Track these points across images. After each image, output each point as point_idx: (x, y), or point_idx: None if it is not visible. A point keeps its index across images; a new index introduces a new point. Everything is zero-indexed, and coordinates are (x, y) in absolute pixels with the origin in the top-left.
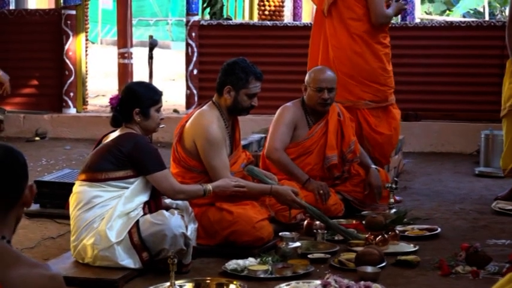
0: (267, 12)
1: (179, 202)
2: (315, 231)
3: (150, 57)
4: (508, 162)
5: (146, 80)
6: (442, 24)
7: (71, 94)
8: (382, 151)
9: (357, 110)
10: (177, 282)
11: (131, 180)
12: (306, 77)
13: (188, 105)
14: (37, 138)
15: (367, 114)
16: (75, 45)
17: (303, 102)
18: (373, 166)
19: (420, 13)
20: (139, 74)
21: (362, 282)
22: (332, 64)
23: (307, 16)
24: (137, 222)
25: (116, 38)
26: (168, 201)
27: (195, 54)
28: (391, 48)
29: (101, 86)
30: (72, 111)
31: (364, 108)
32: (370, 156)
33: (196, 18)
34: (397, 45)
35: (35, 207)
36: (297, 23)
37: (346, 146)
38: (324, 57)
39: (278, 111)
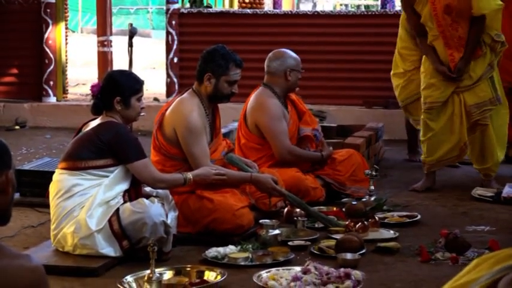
0: (247, 0)
1: (159, 190)
2: (295, 218)
3: (130, 46)
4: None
5: (126, 68)
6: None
7: (51, 83)
8: None
9: None
10: (157, 270)
11: (111, 168)
12: (288, 62)
13: (168, 93)
14: (17, 127)
15: None
16: (55, 33)
17: (271, 89)
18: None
19: None
20: (120, 63)
21: (342, 269)
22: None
23: (287, 4)
24: (117, 210)
25: (96, 27)
26: (148, 189)
27: (175, 42)
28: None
29: (81, 74)
30: (52, 99)
31: None
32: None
33: (176, 6)
34: (379, 33)
35: (15, 195)
36: (277, 11)
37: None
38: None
39: (261, 107)
